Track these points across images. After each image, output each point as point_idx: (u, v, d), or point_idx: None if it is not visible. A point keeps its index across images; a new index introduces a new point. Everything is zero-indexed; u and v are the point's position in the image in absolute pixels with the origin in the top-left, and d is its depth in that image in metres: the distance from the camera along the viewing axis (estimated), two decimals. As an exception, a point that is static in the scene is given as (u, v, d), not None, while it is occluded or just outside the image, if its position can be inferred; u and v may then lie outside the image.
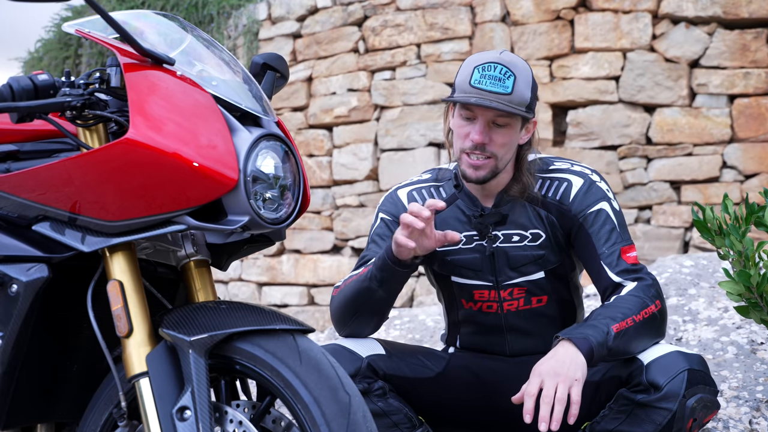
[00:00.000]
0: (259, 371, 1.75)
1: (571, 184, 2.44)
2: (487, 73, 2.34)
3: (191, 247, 1.92)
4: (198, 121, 1.75)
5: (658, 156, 6.59)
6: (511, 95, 2.33)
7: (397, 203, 2.54)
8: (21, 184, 1.85)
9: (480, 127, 2.35)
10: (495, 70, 2.34)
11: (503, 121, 2.36)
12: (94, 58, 9.88)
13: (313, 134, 7.99)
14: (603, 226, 2.39)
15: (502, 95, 2.32)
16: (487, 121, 2.36)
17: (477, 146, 2.36)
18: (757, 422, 2.76)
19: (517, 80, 2.34)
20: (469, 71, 2.35)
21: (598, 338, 2.20)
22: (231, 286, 8.48)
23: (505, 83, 2.33)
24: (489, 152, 2.37)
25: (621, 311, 2.27)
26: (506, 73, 2.34)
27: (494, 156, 2.37)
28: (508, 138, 2.38)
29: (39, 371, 1.92)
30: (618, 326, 2.23)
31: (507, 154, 2.40)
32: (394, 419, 2.42)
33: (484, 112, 2.35)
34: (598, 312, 2.29)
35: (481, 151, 2.36)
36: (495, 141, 2.36)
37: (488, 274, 2.48)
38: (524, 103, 2.35)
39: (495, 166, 2.38)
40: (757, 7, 6.34)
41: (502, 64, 2.35)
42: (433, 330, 4.13)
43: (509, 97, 2.33)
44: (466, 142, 2.38)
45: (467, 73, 2.36)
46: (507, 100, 2.32)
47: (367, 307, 2.41)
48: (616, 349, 2.24)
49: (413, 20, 7.46)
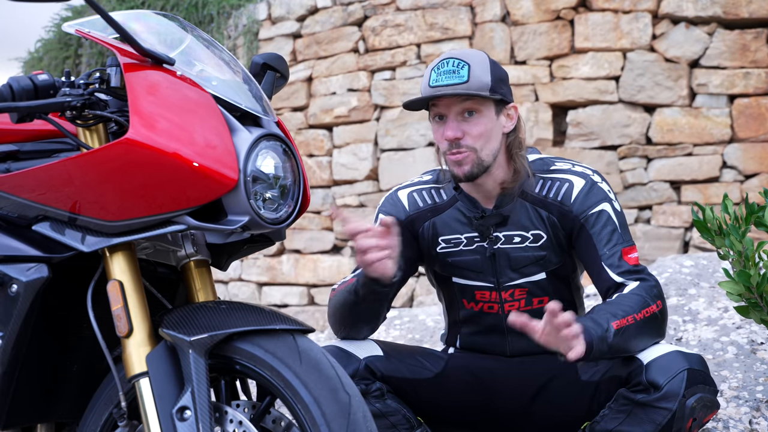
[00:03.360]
0: (259, 371, 1.75)
1: (573, 184, 2.43)
2: (441, 70, 2.37)
3: (191, 247, 1.92)
4: (198, 121, 1.75)
5: (658, 156, 6.59)
6: (468, 82, 2.35)
7: (397, 204, 2.54)
8: (21, 184, 1.85)
9: (450, 123, 2.37)
10: (448, 65, 2.37)
11: (471, 107, 2.36)
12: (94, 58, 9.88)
13: (313, 134, 7.99)
14: (604, 227, 2.39)
15: (458, 85, 2.35)
16: (455, 115, 2.37)
17: (452, 143, 2.37)
18: (757, 422, 2.76)
19: (471, 68, 2.36)
20: (428, 75, 2.39)
21: (598, 332, 2.20)
22: (231, 286, 8.48)
23: (460, 73, 2.35)
24: (465, 146, 2.36)
25: (622, 308, 2.27)
26: (459, 64, 2.37)
27: (472, 149, 2.37)
28: (482, 127, 2.37)
29: (39, 371, 1.92)
30: (618, 323, 2.23)
31: (488, 144, 2.39)
32: (392, 420, 2.42)
33: (448, 106, 2.37)
34: (599, 308, 2.29)
35: (457, 147, 2.37)
36: (469, 133, 2.37)
37: (489, 275, 2.48)
38: (484, 87, 2.36)
39: (477, 158, 2.37)
40: (757, 7, 6.33)
41: (454, 57, 2.38)
42: (433, 330, 4.13)
43: (466, 85, 2.35)
44: (443, 143, 2.39)
45: (426, 78, 2.40)
46: (464, 87, 2.34)
47: (354, 317, 2.41)
48: (616, 346, 2.24)
49: (413, 20, 7.46)
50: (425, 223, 2.51)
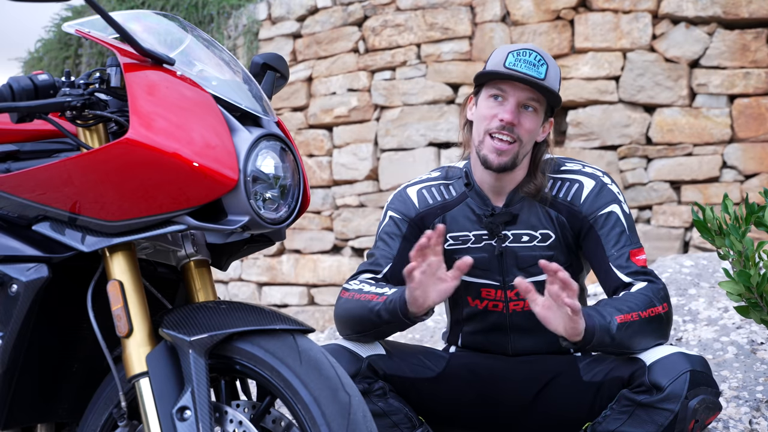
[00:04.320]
0: (259, 371, 1.75)
1: (583, 185, 2.44)
2: (522, 57, 2.37)
3: (191, 247, 1.92)
4: (198, 121, 1.75)
5: (658, 156, 6.58)
6: (544, 80, 2.36)
7: (406, 201, 2.54)
8: (21, 184, 1.84)
9: (511, 107, 2.37)
10: (530, 56, 2.37)
11: (533, 104, 2.38)
12: (94, 58, 9.88)
13: (313, 134, 7.99)
14: (613, 229, 2.40)
15: (536, 79, 2.35)
16: (518, 103, 2.37)
17: (506, 126, 2.36)
18: (757, 422, 2.76)
19: (549, 69, 2.38)
20: (503, 55, 2.38)
21: (601, 322, 2.21)
22: (231, 286, 8.48)
23: (539, 69, 2.37)
24: (516, 134, 2.37)
25: (627, 305, 2.27)
26: (540, 60, 2.38)
27: (519, 140, 2.38)
28: (535, 124, 2.40)
29: (39, 371, 1.92)
30: (623, 317, 2.24)
31: (529, 143, 2.41)
32: (394, 419, 2.41)
33: (516, 92, 2.37)
34: (605, 302, 2.30)
35: (509, 132, 2.36)
36: (523, 124, 2.38)
37: (496, 273, 2.48)
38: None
39: (517, 152, 2.39)
40: (757, 7, 6.33)
41: (537, 51, 2.39)
42: (434, 330, 4.13)
43: (543, 83, 2.36)
44: (494, 122, 2.38)
45: (501, 57, 2.38)
46: (543, 83, 2.36)
47: (369, 333, 2.42)
48: (618, 340, 2.24)
49: (413, 20, 7.46)
50: (435, 220, 2.51)
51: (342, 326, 2.46)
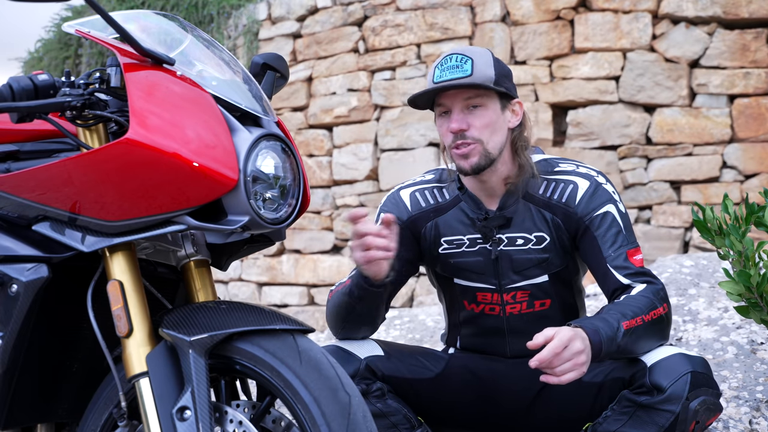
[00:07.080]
0: (259, 371, 1.75)
1: (577, 186, 2.42)
2: (445, 65, 2.39)
3: (191, 247, 1.92)
4: (198, 121, 1.75)
5: (658, 156, 6.59)
6: (471, 76, 2.36)
7: (399, 204, 2.54)
8: (21, 184, 1.84)
9: (455, 115, 2.38)
10: (451, 61, 2.39)
11: (475, 101, 2.38)
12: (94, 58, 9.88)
13: (313, 134, 7.99)
14: (609, 229, 2.38)
15: (462, 78, 2.36)
16: (460, 108, 2.38)
17: (457, 135, 2.37)
18: (757, 422, 2.76)
19: (474, 62, 2.37)
20: (432, 72, 2.41)
21: (608, 332, 2.19)
22: (231, 286, 8.48)
23: (463, 67, 2.37)
24: (470, 137, 2.37)
25: (632, 309, 2.26)
26: (462, 59, 2.38)
27: (478, 140, 2.37)
28: (487, 119, 2.38)
29: (39, 371, 1.92)
30: (628, 323, 2.23)
31: (493, 137, 2.39)
32: (392, 420, 2.41)
33: (454, 101, 2.38)
34: (609, 307, 2.29)
35: (462, 139, 2.37)
36: (474, 125, 2.38)
37: (491, 277, 2.47)
38: (488, 80, 2.37)
39: (483, 150, 2.38)
40: (757, 7, 6.34)
41: (457, 53, 2.40)
42: (433, 330, 4.13)
43: (470, 78, 2.36)
44: (448, 137, 2.40)
45: (430, 75, 2.41)
46: (468, 81, 2.35)
47: (352, 319, 2.41)
48: (624, 347, 2.23)
49: (413, 20, 7.46)
50: (428, 224, 2.50)
51: (330, 322, 2.47)
